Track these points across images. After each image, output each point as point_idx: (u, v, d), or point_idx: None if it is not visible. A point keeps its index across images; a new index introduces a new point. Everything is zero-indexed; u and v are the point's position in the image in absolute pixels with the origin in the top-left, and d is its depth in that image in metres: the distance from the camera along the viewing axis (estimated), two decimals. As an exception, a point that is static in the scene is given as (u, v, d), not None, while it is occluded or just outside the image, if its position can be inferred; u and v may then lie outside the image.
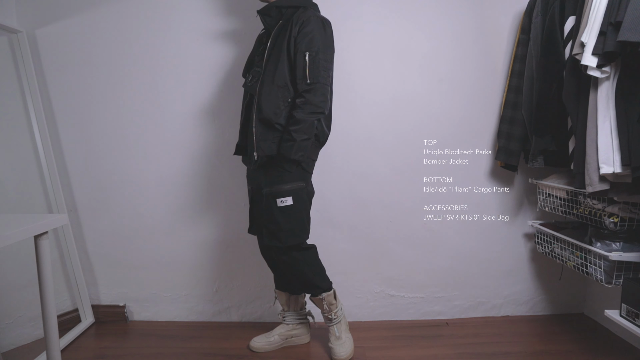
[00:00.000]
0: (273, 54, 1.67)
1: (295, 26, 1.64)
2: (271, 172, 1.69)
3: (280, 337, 1.95)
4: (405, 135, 2.12)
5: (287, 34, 1.65)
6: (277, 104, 1.65)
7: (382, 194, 2.15)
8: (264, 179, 1.72)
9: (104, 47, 2.06)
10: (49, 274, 1.30)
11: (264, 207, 1.72)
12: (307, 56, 1.62)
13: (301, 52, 1.62)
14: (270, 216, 1.70)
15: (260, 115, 1.66)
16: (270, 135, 1.67)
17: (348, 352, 1.85)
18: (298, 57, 1.63)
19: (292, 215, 1.70)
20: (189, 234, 2.18)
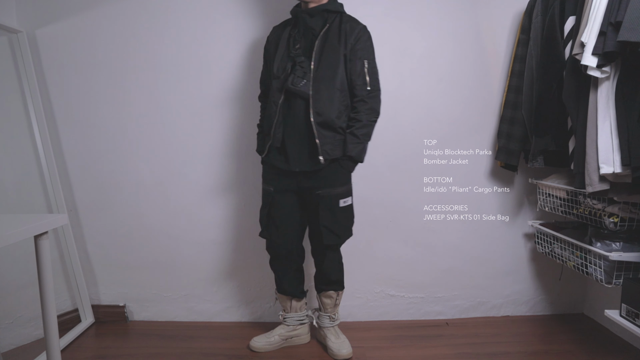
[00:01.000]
0: (325, 57, 1.70)
1: (351, 34, 1.72)
2: (332, 173, 1.75)
3: (280, 337, 1.96)
4: (405, 135, 2.12)
5: (342, 39, 1.71)
6: (339, 108, 1.72)
7: (382, 194, 2.15)
8: (321, 181, 1.75)
9: (104, 47, 2.06)
10: (49, 274, 1.30)
11: (325, 207, 1.76)
12: (366, 64, 1.74)
13: (360, 60, 1.73)
14: (332, 216, 1.77)
15: (319, 118, 1.69)
16: (331, 138, 1.72)
17: (350, 350, 1.88)
18: (357, 64, 1.72)
19: (349, 214, 1.84)
20: (189, 234, 2.18)
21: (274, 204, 1.82)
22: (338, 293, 1.94)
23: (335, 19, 1.75)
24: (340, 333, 1.96)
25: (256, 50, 2.06)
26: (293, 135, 1.74)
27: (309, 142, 1.73)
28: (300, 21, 1.74)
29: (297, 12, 1.74)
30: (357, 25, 1.76)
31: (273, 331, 1.98)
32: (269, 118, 1.76)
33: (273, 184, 1.81)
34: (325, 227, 1.77)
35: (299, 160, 1.74)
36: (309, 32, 1.73)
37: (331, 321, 1.95)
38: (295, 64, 1.71)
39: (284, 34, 1.78)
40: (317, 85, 1.69)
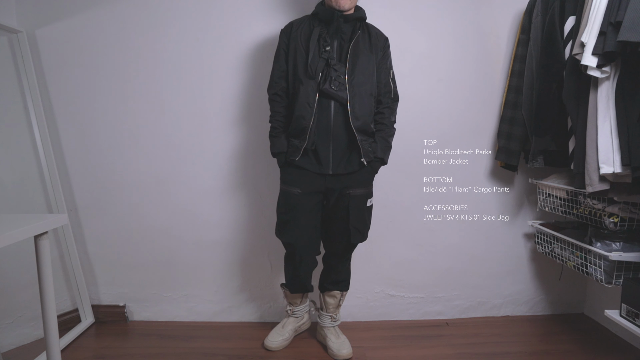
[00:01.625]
0: (360, 63, 1.73)
1: (380, 43, 1.81)
2: (362, 174, 1.79)
3: (293, 331, 2.00)
4: (405, 135, 2.12)
5: (372, 48, 1.77)
6: (371, 113, 1.78)
7: (382, 194, 2.14)
8: (351, 182, 1.78)
9: (104, 47, 2.06)
10: (49, 274, 1.30)
11: (353, 207, 1.79)
12: (391, 74, 1.85)
13: (386, 69, 1.83)
14: (360, 216, 1.82)
15: (357, 123, 1.72)
16: (367, 141, 1.77)
17: (350, 351, 1.89)
18: (383, 73, 1.81)
19: (370, 213, 1.88)
20: (189, 234, 2.18)
21: (299, 206, 1.78)
22: (342, 293, 1.95)
23: (362, 26, 1.78)
24: (341, 333, 1.97)
25: (257, 50, 2.06)
26: (326, 137, 1.73)
27: (345, 145, 1.74)
28: (333, 24, 1.72)
29: (332, 14, 1.71)
30: (383, 36, 1.85)
31: (284, 327, 1.99)
32: (302, 119, 1.71)
33: (299, 186, 1.77)
34: (354, 227, 1.80)
35: (333, 162, 1.75)
36: (338, 35, 1.74)
37: (332, 321, 1.96)
38: (329, 66, 1.70)
39: (314, 33, 1.73)
40: (352, 90, 1.70)
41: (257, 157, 2.12)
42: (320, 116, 1.72)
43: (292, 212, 1.79)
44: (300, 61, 1.74)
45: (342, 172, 1.76)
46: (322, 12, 1.74)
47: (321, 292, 1.98)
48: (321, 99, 1.71)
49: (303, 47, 1.73)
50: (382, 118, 1.81)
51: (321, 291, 1.98)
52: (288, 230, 1.80)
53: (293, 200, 1.78)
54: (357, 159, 1.75)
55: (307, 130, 1.70)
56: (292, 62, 1.76)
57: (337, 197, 1.79)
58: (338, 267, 1.92)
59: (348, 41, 1.74)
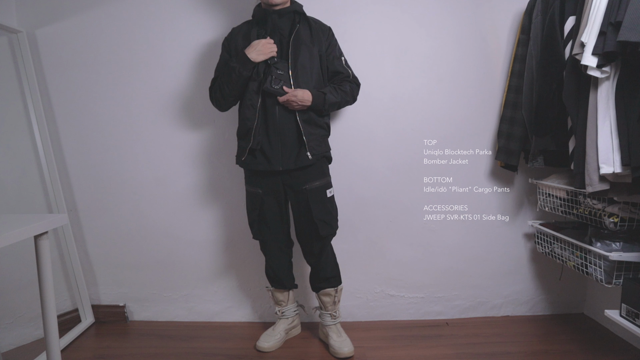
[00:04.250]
0: (302, 57, 1.73)
1: (323, 34, 1.81)
2: (315, 167, 1.81)
3: (284, 332, 2.00)
4: (405, 135, 2.12)
5: (314, 40, 1.77)
6: None
7: (382, 193, 2.14)
8: (306, 176, 1.79)
9: (104, 47, 2.06)
10: (49, 274, 1.30)
11: (315, 201, 1.81)
12: (343, 60, 1.87)
13: (337, 58, 1.85)
14: (323, 208, 1.83)
15: (304, 116, 1.73)
16: (316, 135, 1.78)
17: (352, 349, 1.89)
18: (336, 62, 1.83)
19: (334, 203, 1.90)
20: (189, 234, 2.18)
21: (263, 204, 1.84)
22: (336, 289, 1.95)
23: (301, 19, 1.78)
24: (342, 331, 1.97)
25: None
26: (273, 135, 1.75)
27: (293, 140, 1.75)
28: (269, 21, 1.74)
29: (265, 13, 1.73)
30: (325, 26, 1.85)
31: (276, 328, 1.99)
32: (246, 121, 1.75)
33: (260, 186, 1.82)
34: (319, 220, 1.81)
35: (282, 159, 1.75)
36: (276, 32, 1.74)
37: (332, 319, 1.96)
38: (268, 65, 1.72)
39: (252, 34, 1.76)
40: (298, 84, 1.71)
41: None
42: (266, 115, 1.74)
43: (257, 210, 1.85)
44: None
45: (292, 168, 1.76)
46: (257, 12, 1.77)
47: (316, 293, 1.98)
48: (265, 99, 1.73)
49: (242, 50, 1.73)
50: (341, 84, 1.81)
51: (315, 292, 1.98)
52: (256, 227, 1.88)
53: (257, 199, 1.84)
54: (305, 153, 1.75)
55: (251, 131, 1.73)
56: None
57: (296, 194, 1.81)
58: (320, 263, 1.92)
59: (288, 36, 1.74)
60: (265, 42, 1.69)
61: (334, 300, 1.95)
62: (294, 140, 1.76)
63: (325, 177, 1.86)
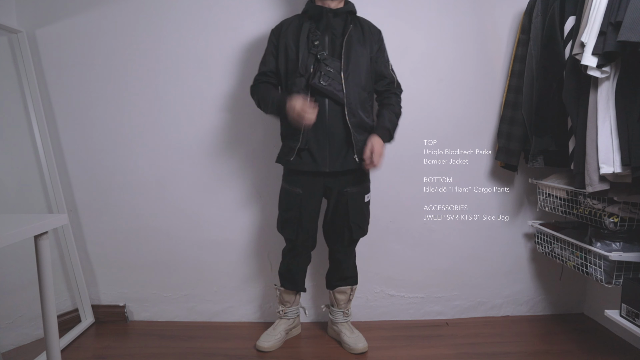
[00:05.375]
0: (354, 58, 1.72)
1: (373, 37, 1.81)
2: (358, 172, 1.80)
3: (285, 332, 1.99)
4: (405, 135, 2.11)
5: (366, 42, 1.77)
6: (367, 108, 1.79)
7: (382, 194, 2.14)
8: (349, 179, 1.80)
9: (104, 47, 2.06)
10: (49, 274, 1.30)
11: (354, 205, 1.81)
12: (390, 66, 1.87)
13: (386, 62, 1.86)
14: (360, 213, 1.84)
15: (353, 119, 1.72)
16: (364, 138, 1.75)
17: (366, 344, 1.91)
18: (383, 66, 1.84)
19: (369, 209, 1.91)
20: (189, 234, 2.18)
21: (301, 205, 1.80)
22: (352, 288, 1.97)
23: (353, 20, 1.78)
24: (354, 328, 1.99)
25: (258, 50, 2.06)
26: (321, 136, 1.72)
27: (340, 142, 1.74)
28: (323, 19, 1.72)
29: (321, 11, 1.72)
30: (376, 29, 1.85)
31: (276, 328, 1.99)
32: None
33: (301, 186, 1.79)
34: (355, 223, 1.83)
35: (329, 161, 1.74)
36: (329, 31, 1.73)
37: (345, 317, 1.98)
38: (318, 61, 1.69)
39: (303, 29, 1.73)
40: (348, 85, 1.70)
41: (257, 157, 2.12)
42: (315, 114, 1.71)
43: (293, 210, 1.82)
44: (291, 59, 1.74)
45: (339, 170, 1.75)
46: (312, 9, 1.75)
47: (331, 290, 1.98)
48: (315, 96, 1.70)
49: (294, 44, 1.73)
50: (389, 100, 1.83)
51: (331, 289, 1.98)
52: (289, 227, 1.84)
53: (295, 199, 1.80)
54: (353, 156, 1.75)
55: (300, 131, 1.71)
56: (284, 61, 1.76)
57: (337, 196, 1.80)
58: (345, 263, 1.93)
59: (340, 36, 1.73)
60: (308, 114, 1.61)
61: (348, 299, 1.97)
62: (342, 143, 1.74)
63: (366, 182, 1.86)
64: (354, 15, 1.80)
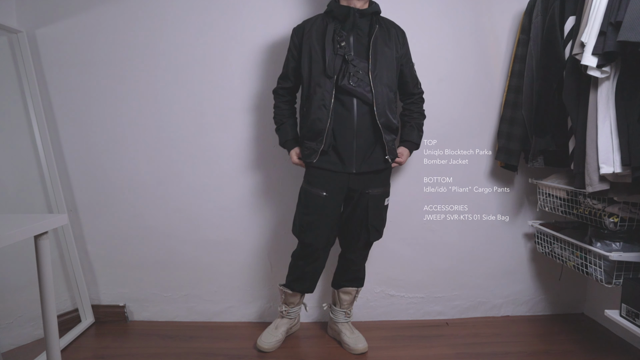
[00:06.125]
0: (381, 58, 1.72)
1: (399, 38, 1.82)
2: (382, 174, 1.82)
3: (286, 332, 1.99)
4: (405, 135, 2.12)
5: (392, 43, 1.77)
6: (393, 108, 1.79)
7: (382, 194, 2.14)
8: (374, 181, 1.79)
9: (104, 47, 2.06)
10: (49, 274, 1.30)
11: (372, 206, 1.81)
12: (414, 67, 1.89)
13: (411, 62, 1.87)
14: (379, 216, 1.84)
15: (382, 120, 1.72)
16: (392, 138, 1.79)
17: (366, 345, 1.92)
18: (408, 67, 1.85)
19: (386, 212, 1.91)
20: (189, 234, 2.18)
21: (324, 208, 1.77)
22: (358, 290, 1.98)
23: (378, 20, 1.78)
24: (354, 328, 2.00)
25: (257, 50, 2.06)
26: (349, 137, 1.72)
27: (368, 142, 1.74)
28: (349, 20, 1.71)
29: (348, 11, 1.70)
30: (401, 29, 1.86)
31: (277, 328, 1.98)
32: (319, 122, 1.69)
33: (325, 188, 1.75)
34: (373, 226, 1.82)
35: (356, 161, 1.73)
36: (354, 31, 1.72)
37: (346, 317, 1.99)
38: (346, 62, 1.68)
39: (328, 30, 1.70)
40: (376, 86, 1.69)
41: (257, 157, 2.12)
42: (342, 115, 1.70)
43: (315, 214, 1.77)
44: (315, 60, 1.71)
45: (366, 171, 1.75)
46: (337, 9, 1.72)
47: (336, 289, 1.98)
48: (342, 96, 1.69)
49: (318, 45, 1.71)
50: (411, 109, 1.89)
51: (336, 288, 1.98)
52: (310, 230, 1.79)
53: (318, 202, 1.76)
54: (381, 156, 1.75)
55: (323, 132, 1.69)
56: (307, 62, 1.73)
57: (358, 197, 1.79)
58: (357, 265, 1.94)
59: (367, 36, 1.72)
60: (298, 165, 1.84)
61: (352, 300, 1.97)
62: (371, 143, 1.74)
63: (388, 185, 1.87)
64: (378, 16, 1.79)
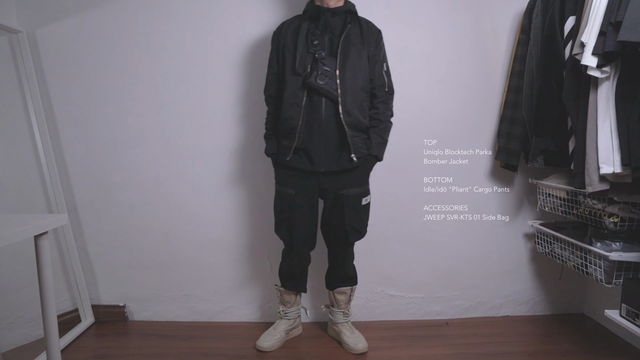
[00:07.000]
0: (351, 57, 1.71)
1: (372, 36, 1.79)
2: (355, 173, 1.78)
3: (285, 332, 1.99)
4: (405, 135, 2.12)
5: (364, 41, 1.75)
6: (364, 108, 1.77)
7: (382, 194, 2.14)
8: (346, 181, 1.77)
9: (104, 47, 2.06)
10: (49, 274, 1.30)
11: (348, 207, 1.79)
12: (385, 67, 1.82)
13: (380, 62, 1.81)
14: (356, 216, 1.82)
15: (348, 118, 1.71)
16: (360, 137, 1.76)
17: (366, 345, 1.92)
18: (377, 66, 1.79)
19: (367, 211, 1.88)
20: (189, 234, 2.18)
21: (294, 205, 1.80)
22: (352, 289, 1.97)
23: (353, 19, 1.77)
24: (354, 328, 2.00)
25: (257, 50, 2.06)
26: (318, 135, 1.73)
27: (336, 141, 1.74)
28: (322, 19, 1.72)
29: (319, 10, 1.72)
30: (376, 29, 1.83)
31: (276, 328, 1.99)
32: (291, 120, 1.71)
33: (293, 186, 1.79)
34: (350, 226, 1.81)
35: (325, 160, 1.74)
36: (328, 30, 1.73)
37: (345, 317, 1.98)
38: (316, 60, 1.69)
39: (302, 29, 1.73)
40: (343, 84, 1.69)
41: (257, 156, 2.12)
42: (312, 114, 1.72)
43: (287, 211, 1.81)
44: (289, 59, 1.74)
45: (334, 170, 1.75)
46: (310, 9, 1.76)
47: (331, 291, 1.98)
48: (311, 96, 1.71)
49: (292, 44, 1.74)
50: (377, 114, 1.81)
51: (330, 290, 1.98)
52: (283, 228, 1.84)
53: (288, 200, 1.80)
54: (348, 155, 1.74)
55: (295, 130, 1.71)
56: (282, 62, 1.77)
57: (332, 198, 1.80)
58: (343, 265, 1.93)
59: (339, 35, 1.73)
60: None
61: (348, 299, 1.97)
62: (338, 142, 1.74)
63: (364, 184, 1.84)
64: (353, 15, 1.79)
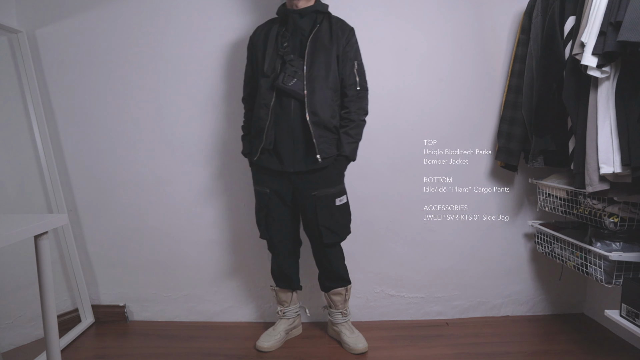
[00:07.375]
0: (318, 57, 1.71)
1: (342, 34, 1.76)
2: (327, 173, 1.77)
3: (284, 332, 1.99)
4: (405, 135, 2.12)
5: (333, 40, 1.73)
6: (333, 107, 1.75)
7: (382, 194, 2.14)
8: (316, 182, 1.77)
9: (104, 47, 2.06)
10: (49, 274, 1.30)
11: (321, 207, 1.78)
12: (356, 65, 1.79)
13: (350, 60, 1.77)
14: (329, 215, 1.80)
15: (315, 118, 1.70)
16: (327, 137, 1.74)
17: (366, 345, 1.92)
18: (347, 65, 1.76)
19: (346, 212, 1.87)
20: (189, 234, 2.18)
21: (270, 204, 1.83)
22: (346, 288, 1.96)
23: (323, 19, 1.77)
24: (354, 328, 2.00)
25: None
26: (286, 135, 1.74)
27: (304, 142, 1.74)
28: (290, 20, 1.74)
29: (286, 12, 1.74)
30: (347, 27, 1.80)
31: (276, 328, 1.99)
32: (260, 120, 1.74)
33: (268, 185, 1.81)
34: (324, 227, 1.80)
35: (293, 160, 1.75)
36: (298, 32, 1.74)
37: (343, 317, 1.98)
38: (284, 62, 1.71)
39: (272, 32, 1.76)
40: (310, 84, 1.69)
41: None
42: (281, 115, 1.73)
43: (264, 210, 1.84)
44: (260, 61, 1.76)
45: (303, 170, 1.75)
46: (279, 12, 1.78)
47: (325, 293, 1.98)
48: (281, 97, 1.72)
49: (262, 47, 1.75)
50: (348, 113, 1.79)
51: (325, 292, 1.98)
52: (263, 226, 1.87)
53: (264, 199, 1.83)
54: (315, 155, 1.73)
55: (264, 130, 1.73)
56: (254, 65, 1.80)
57: (305, 199, 1.80)
58: (329, 266, 1.92)
59: (308, 36, 1.74)
60: None
61: (344, 299, 1.97)
62: (306, 143, 1.74)
63: (337, 185, 1.82)
64: (324, 15, 1.78)
